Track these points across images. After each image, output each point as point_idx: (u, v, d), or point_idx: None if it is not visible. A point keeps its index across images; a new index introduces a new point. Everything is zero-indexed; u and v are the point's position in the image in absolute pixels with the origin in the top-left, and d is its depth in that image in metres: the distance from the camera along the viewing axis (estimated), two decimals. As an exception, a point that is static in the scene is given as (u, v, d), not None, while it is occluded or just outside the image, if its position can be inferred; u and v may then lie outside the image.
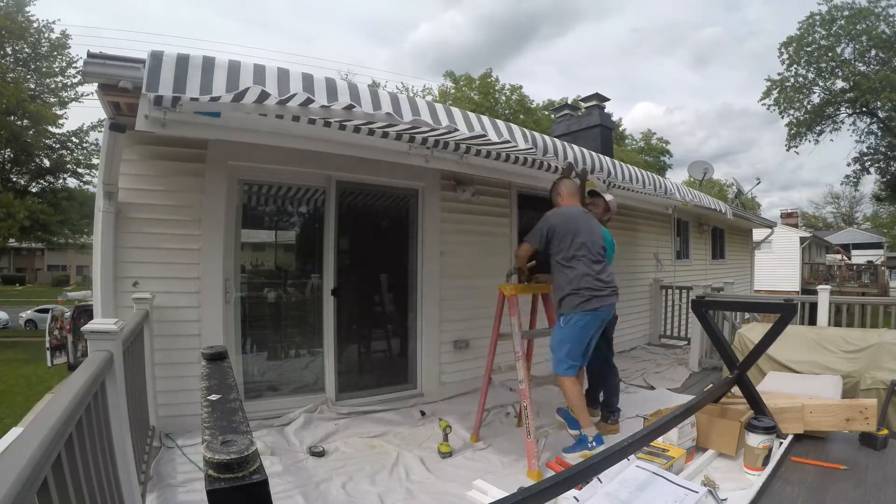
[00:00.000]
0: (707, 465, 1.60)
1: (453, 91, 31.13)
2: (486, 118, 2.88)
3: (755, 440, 1.48)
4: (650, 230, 8.12)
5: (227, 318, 3.75)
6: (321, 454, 3.25)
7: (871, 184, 29.25)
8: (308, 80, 2.26)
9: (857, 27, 19.51)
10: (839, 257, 29.23)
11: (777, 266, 21.04)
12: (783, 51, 21.63)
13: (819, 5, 20.25)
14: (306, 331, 4.32)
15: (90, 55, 2.63)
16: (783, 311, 1.73)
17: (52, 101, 18.84)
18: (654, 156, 39.44)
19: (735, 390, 1.82)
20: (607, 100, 9.46)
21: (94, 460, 1.53)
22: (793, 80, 21.97)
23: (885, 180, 23.09)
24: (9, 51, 17.83)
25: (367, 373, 4.72)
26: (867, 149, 22.39)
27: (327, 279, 4.24)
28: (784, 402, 1.72)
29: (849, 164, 23.06)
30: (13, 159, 18.48)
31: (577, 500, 1.21)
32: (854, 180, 23.53)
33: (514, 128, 3.04)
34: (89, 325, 2.00)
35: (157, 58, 2.02)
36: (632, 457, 1.37)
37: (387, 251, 4.88)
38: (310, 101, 2.16)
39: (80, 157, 19.60)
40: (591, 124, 9.24)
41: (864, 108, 20.95)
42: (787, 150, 23.54)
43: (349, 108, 2.26)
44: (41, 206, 17.95)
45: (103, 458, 1.68)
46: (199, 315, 3.63)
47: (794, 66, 21.62)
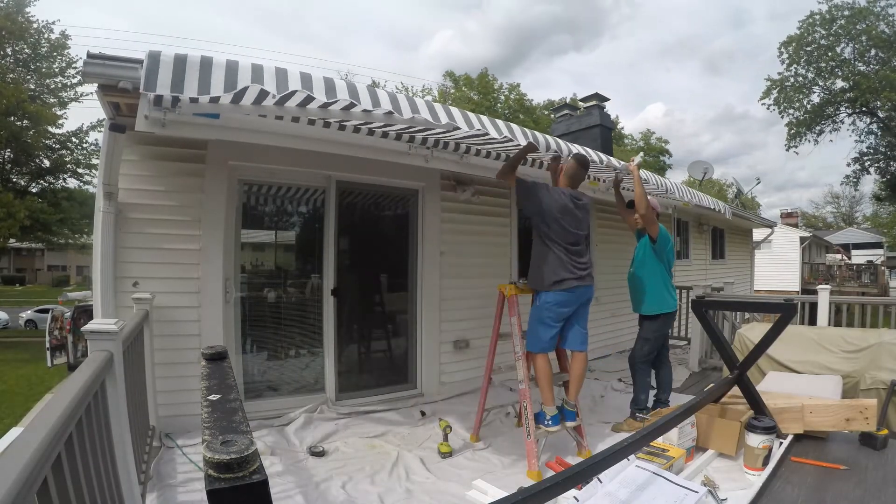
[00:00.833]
0: (707, 465, 1.60)
1: (453, 91, 31.14)
2: (485, 117, 2.88)
3: (755, 440, 1.48)
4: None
5: (227, 318, 3.75)
6: (321, 454, 3.25)
7: (871, 184, 29.25)
8: (307, 80, 2.23)
9: (857, 27, 19.51)
10: (839, 257, 29.23)
11: (777, 266, 21.04)
12: (783, 50, 21.64)
13: (819, 5, 20.28)
14: (306, 331, 4.32)
15: (90, 55, 2.63)
16: (783, 311, 1.73)
17: (52, 101, 18.83)
18: (654, 155, 39.46)
19: (735, 390, 1.82)
20: (607, 99, 9.46)
21: (94, 460, 1.53)
22: (792, 79, 21.98)
23: (884, 180, 23.09)
24: (9, 51, 17.83)
25: (367, 373, 4.72)
26: (867, 149, 22.41)
27: (327, 279, 4.24)
28: (784, 402, 1.72)
29: (849, 164, 23.10)
30: (13, 159, 18.46)
31: (577, 500, 1.21)
32: (854, 180, 23.54)
33: (515, 127, 3.04)
34: (89, 326, 2.00)
35: (154, 58, 2.00)
36: (632, 457, 1.37)
37: (387, 251, 4.88)
38: (309, 99, 2.16)
39: (80, 158, 19.57)
40: (590, 124, 9.24)
41: (864, 108, 20.96)
42: (787, 150, 23.56)
43: (348, 108, 2.25)
44: (41, 206, 17.95)
45: (103, 458, 1.68)
46: (199, 315, 3.62)
47: (794, 65, 21.63)
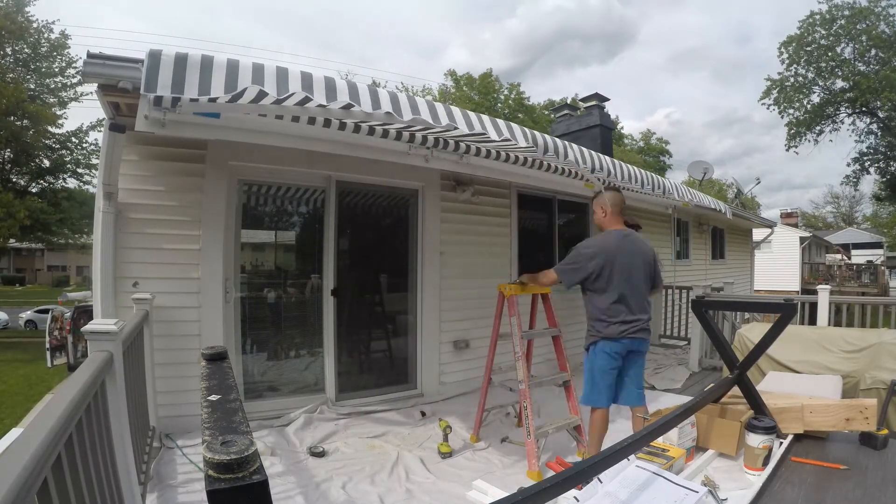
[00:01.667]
0: (707, 465, 1.60)
1: (453, 90, 31.14)
2: (486, 117, 2.89)
3: (755, 440, 1.48)
4: (650, 230, 8.12)
5: (227, 318, 3.75)
6: (321, 454, 3.25)
7: (871, 184, 29.25)
8: (307, 80, 2.24)
9: (857, 27, 19.51)
10: (839, 257, 29.23)
11: (777, 266, 21.05)
12: (783, 50, 21.63)
13: (819, 4, 20.27)
14: (306, 331, 4.32)
15: (90, 55, 2.62)
16: (783, 311, 1.73)
17: (52, 101, 18.83)
18: (654, 155, 39.49)
19: (735, 390, 1.82)
20: (607, 99, 9.46)
21: (94, 460, 1.53)
22: (792, 79, 21.98)
23: (884, 180, 23.09)
24: (8, 51, 17.83)
25: (367, 373, 4.72)
26: (867, 149, 22.41)
27: (327, 279, 4.24)
28: (784, 402, 1.72)
29: (848, 165, 23.09)
30: (13, 159, 18.46)
31: (577, 500, 1.21)
32: (854, 180, 23.54)
33: (515, 127, 3.04)
34: (89, 326, 2.00)
35: (155, 57, 2.00)
36: (632, 457, 1.37)
37: (387, 251, 4.88)
38: (307, 99, 2.16)
39: (80, 158, 19.58)
40: (590, 124, 9.24)
41: (864, 108, 20.96)
42: (787, 150, 23.54)
43: (347, 108, 2.25)
44: (41, 206, 17.95)
45: (103, 459, 1.68)
46: (199, 315, 3.62)
47: (794, 65, 21.63)
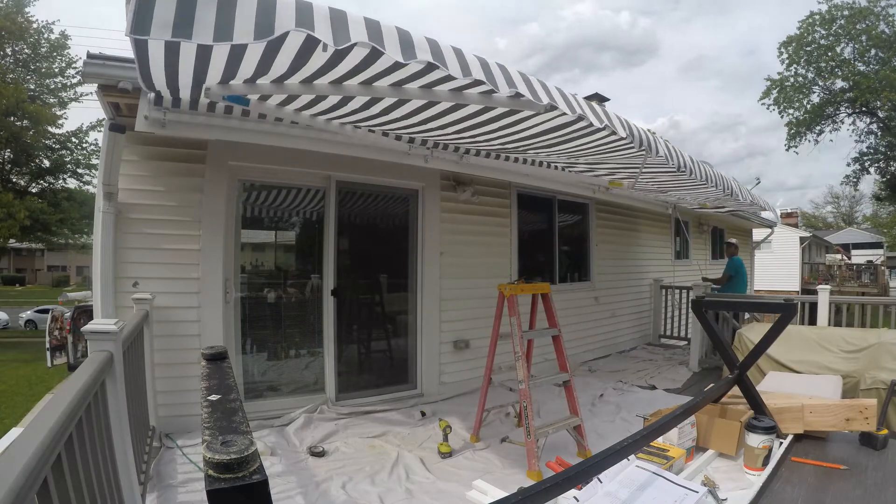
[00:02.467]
0: (707, 465, 1.60)
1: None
2: (581, 99, 2.08)
3: (755, 440, 1.48)
4: (650, 230, 8.13)
5: (226, 318, 3.75)
6: (321, 454, 3.25)
7: (871, 184, 29.26)
8: (374, 29, 1.41)
9: (857, 27, 19.50)
10: (839, 257, 29.23)
11: (777, 266, 21.05)
12: (783, 50, 21.62)
13: (819, 4, 20.27)
14: (306, 331, 4.32)
15: (90, 56, 2.63)
16: (783, 311, 1.73)
17: (52, 101, 18.85)
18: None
19: (735, 390, 1.82)
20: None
21: (94, 460, 1.53)
22: (792, 79, 21.97)
23: (884, 180, 23.09)
24: (8, 51, 17.84)
25: (367, 373, 4.72)
26: (867, 149, 22.40)
27: (327, 279, 4.24)
28: (784, 402, 1.72)
29: (848, 164, 23.07)
30: (13, 160, 18.48)
31: (577, 500, 1.21)
32: (854, 180, 23.53)
33: (609, 112, 2.26)
34: (89, 326, 2.00)
35: None
36: (632, 457, 1.37)
37: (387, 251, 4.88)
38: (376, 53, 1.54)
39: (80, 158, 19.60)
40: (590, 124, 9.22)
41: (864, 108, 20.95)
42: (787, 150, 23.51)
43: (429, 69, 1.63)
44: (41, 206, 17.96)
45: (103, 458, 1.68)
46: (199, 315, 3.62)
47: (794, 65, 21.62)
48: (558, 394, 4.33)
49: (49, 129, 18.12)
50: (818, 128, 22.44)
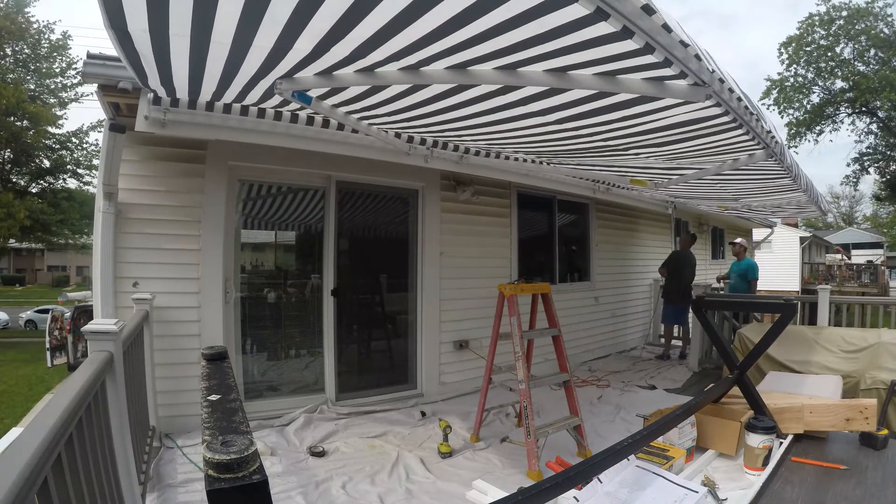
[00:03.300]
0: (707, 465, 1.60)
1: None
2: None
3: (755, 440, 1.48)
4: (649, 230, 8.12)
5: (227, 318, 3.75)
6: (321, 454, 3.25)
7: (870, 184, 29.25)
8: None
9: (856, 27, 19.51)
10: (839, 257, 29.22)
11: (777, 266, 21.03)
12: (783, 50, 21.63)
13: (818, 5, 20.28)
14: (306, 331, 4.32)
15: (90, 56, 2.64)
16: (783, 311, 1.74)
17: (52, 101, 18.85)
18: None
19: (735, 390, 1.82)
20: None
21: (94, 460, 1.53)
22: (792, 79, 21.98)
23: (884, 180, 23.09)
24: (8, 52, 17.84)
25: (368, 373, 4.72)
26: (867, 149, 22.41)
27: (327, 279, 4.24)
28: (784, 402, 1.72)
29: (848, 165, 23.10)
30: (13, 160, 18.49)
31: (577, 500, 1.21)
32: (854, 180, 23.55)
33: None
34: (89, 326, 2.00)
35: None
36: (632, 457, 1.37)
37: (386, 251, 4.88)
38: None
39: (80, 158, 19.62)
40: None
41: (864, 108, 20.95)
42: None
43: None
44: (41, 206, 17.98)
45: (103, 458, 1.68)
46: (199, 315, 3.62)
47: (794, 65, 21.63)
48: (558, 394, 4.33)
49: (49, 129, 18.14)
50: (818, 128, 22.46)
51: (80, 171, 19.79)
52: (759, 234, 14.16)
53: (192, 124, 2.72)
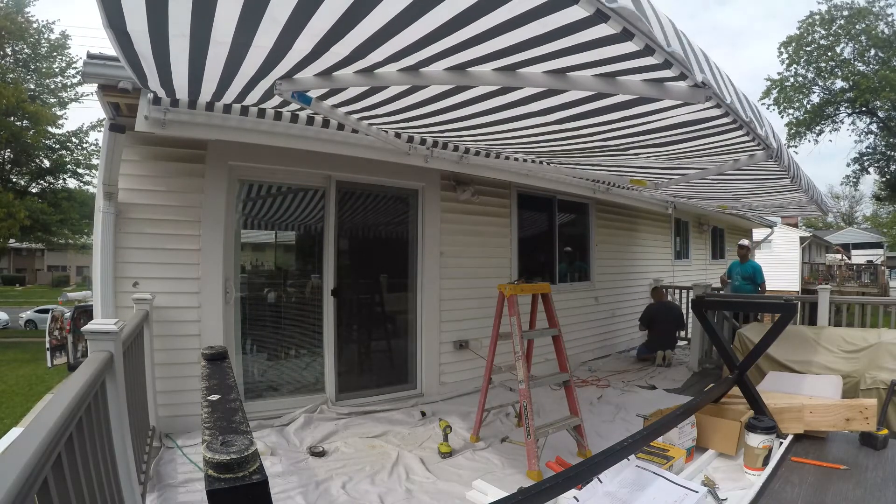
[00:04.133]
0: (707, 465, 1.60)
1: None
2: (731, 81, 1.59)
3: (755, 440, 1.48)
4: (650, 230, 8.12)
5: (226, 318, 3.75)
6: (321, 454, 3.25)
7: (871, 184, 29.26)
8: None
9: (857, 27, 19.50)
10: (839, 257, 29.22)
11: (777, 266, 21.03)
12: (782, 50, 21.62)
13: (818, 5, 20.27)
14: (306, 331, 4.32)
15: (90, 56, 2.63)
16: (783, 311, 1.74)
17: (52, 101, 18.86)
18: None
19: (735, 390, 1.82)
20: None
21: (94, 460, 1.53)
22: (792, 79, 21.97)
23: (884, 180, 23.08)
24: (8, 51, 17.85)
25: (368, 373, 4.72)
26: (866, 149, 22.41)
27: (327, 279, 4.24)
28: (784, 402, 1.72)
29: (848, 165, 23.09)
30: (13, 160, 18.49)
31: (577, 500, 1.21)
32: (854, 180, 23.54)
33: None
34: (89, 326, 2.00)
35: None
36: (632, 457, 1.37)
37: (387, 251, 4.88)
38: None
39: (80, 158, 19.62)
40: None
41: (864, 108, 20.95)
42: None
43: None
44: (41, 206, 17.98)
45: (103, 458, 1.68)
46: (199, 315, 3.62)
47: (794, 65, 21.62)
48: (558, 394, 4.33)
49: (49, 129, 18.14)
50: (818, 128, 22.45)
51: (80, 170, 19.81)
52: (759, 233, 14.15)
53: (191, 124, 2.72)
